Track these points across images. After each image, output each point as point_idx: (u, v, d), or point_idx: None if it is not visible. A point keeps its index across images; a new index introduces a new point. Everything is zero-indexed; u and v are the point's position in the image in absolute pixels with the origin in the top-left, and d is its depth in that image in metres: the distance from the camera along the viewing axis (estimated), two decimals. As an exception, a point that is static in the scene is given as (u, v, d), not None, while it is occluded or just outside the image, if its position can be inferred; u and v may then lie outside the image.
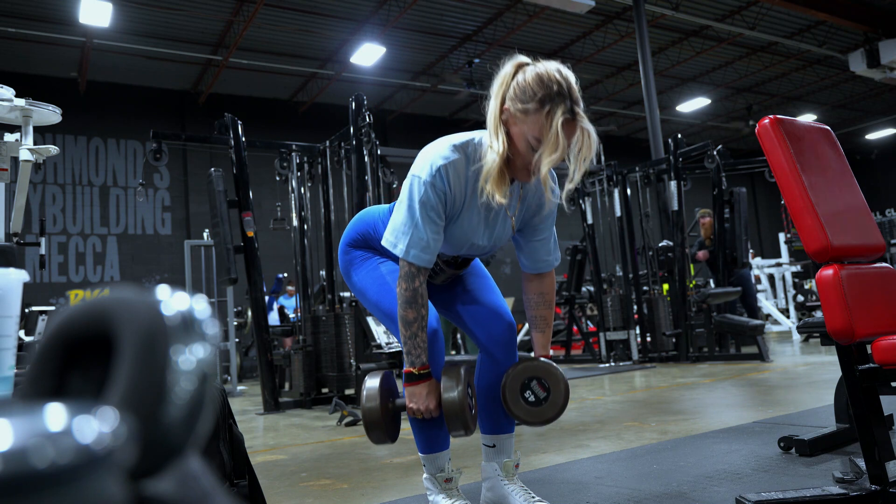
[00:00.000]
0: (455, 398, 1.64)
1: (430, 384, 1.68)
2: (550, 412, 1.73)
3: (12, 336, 1.01)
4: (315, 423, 4.30)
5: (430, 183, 1.62)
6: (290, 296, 9.99)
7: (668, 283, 7.61)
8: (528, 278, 1.90)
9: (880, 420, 1.63)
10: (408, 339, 1.67)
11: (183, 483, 0.34)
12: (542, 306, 1.89)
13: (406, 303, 1.66)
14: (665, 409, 3.79)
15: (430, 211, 1.64)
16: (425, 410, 1.68)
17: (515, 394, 1.75)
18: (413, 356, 1.67)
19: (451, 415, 1.65)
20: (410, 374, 1.68)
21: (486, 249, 1.83)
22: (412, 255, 1.64)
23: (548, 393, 1.73)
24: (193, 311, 0.34)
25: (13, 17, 10.32)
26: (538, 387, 1.74)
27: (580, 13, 10.73)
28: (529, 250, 1.86)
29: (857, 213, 1.75)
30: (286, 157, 6.07)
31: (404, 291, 1.66)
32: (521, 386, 1.75)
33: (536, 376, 1.74)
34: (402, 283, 1.67)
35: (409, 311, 1.66)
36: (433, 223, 1.64)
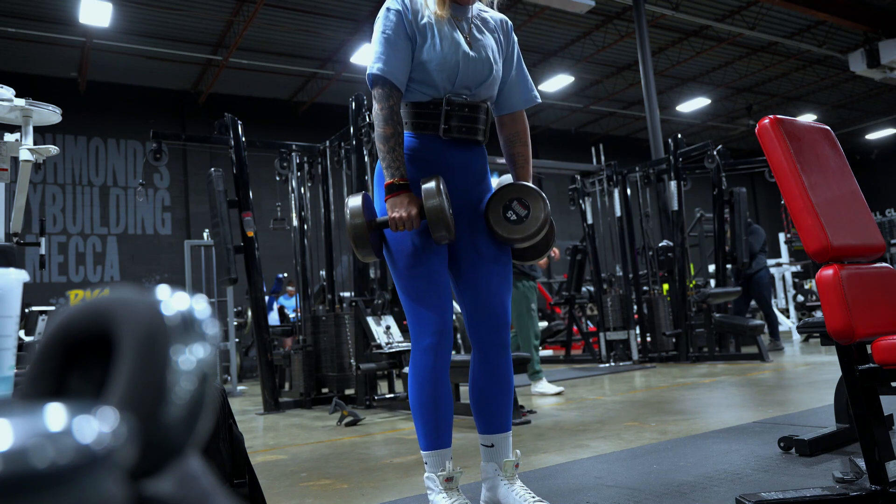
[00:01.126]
0: (437, 203, 1.70)
1: (409, 194, 1.76)
2: (532, 227, 1.79)
3: (12, 336, 1.01)
4: (315, 423, 4.30)
5: (387, 7, 1.84)
6: (290, 296, 9.99)
7: (668, 283, 7.61)
8: (502, 122, 2.02)
9: (880, 420, 1.63)
10: (386, 153, 1.78)
11: (183, 483, 0.34)
12: (519, 144, 2.01)
13: (383, 120, 1.78)
14: (665, 409, 3.79)
15: (390, 31, 1.81)
16: (407, 218, 1.73)
17: (497, 213, 1.82)
18: (392, 169, 1.77)
19: (435, 219, 1.70)
20: (391, 185, 1.76)
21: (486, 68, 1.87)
22: (377, 68, 1.79)
23: (528, 210, 1.80)
24: (193, 311, 0.34)
25: (13, 17, 10.32)
26: (519, 206, 1.81)
27: (580, 13, 10.73)
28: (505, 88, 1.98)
29: (857, 214, 1.75)
30: (286, 157, 6.07)
31: (381, 111, 1.79)
32: (503, 207, 1.82)
33: (517, 196, 1.82)
34: (378, 104, 1.79)
35: (387, 128, 1.78)
36: (393, 43, 1.80)
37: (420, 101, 1.86)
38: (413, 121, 1.87)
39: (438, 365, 1.80)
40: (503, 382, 1.90)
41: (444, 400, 1.82)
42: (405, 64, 1.81)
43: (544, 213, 1.80)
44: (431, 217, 1.71)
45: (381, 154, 1.79)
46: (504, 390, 1.90)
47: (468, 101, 1.87)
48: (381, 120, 1.78)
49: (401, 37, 1.81)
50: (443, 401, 1.82)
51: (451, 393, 1.87)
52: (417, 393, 1.82)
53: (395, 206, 1.74)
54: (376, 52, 1.81)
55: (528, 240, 1.81)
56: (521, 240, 1.81)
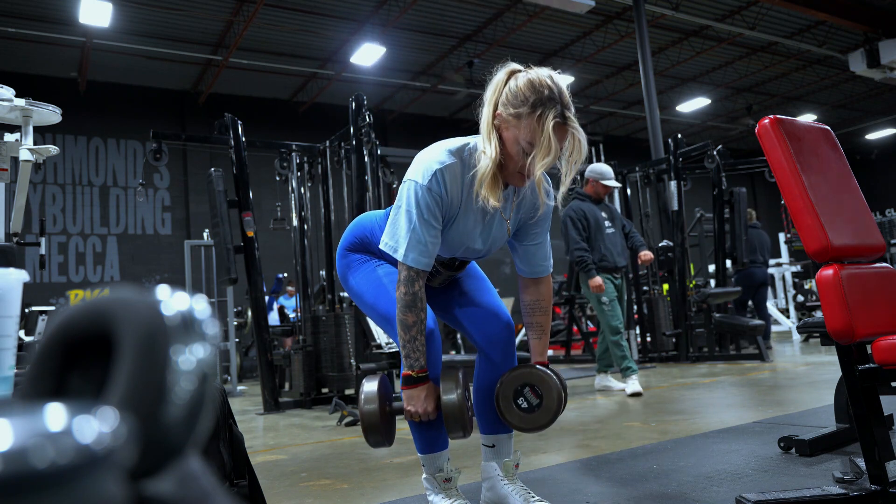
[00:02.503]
0: (454, 400, 1.65)
1: (428, 387, 1.69)
2: (543, 419, 1.74)
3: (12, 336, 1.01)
4: (315, 423, 4.30)
5: (427, 187, 1.64)
6: (290, 296, 9.99)
7: (668, 283, 7.61)
8: (525, 284, 1.91)
9: (880, 420, 1.63)
10: (406, 342, 1.67)
11: (183, 483, 0.34)
12: (539, 313, 1.90)
13: (405, 307, 1.67)
14: (665, 409, 3.79)
15: (428, 215, 1.65)
16: (423, 413, 1.68)
17: (509, 401, 1.76)
18: (412, 359, 1.68)
19: (451, 417, 1.66)
20: (409, 377, 1.68)
21: (482, 253, 1.84)
22: (411, 259, 1.66)
23: (541, 399, 1.74)
24: (193, 311, 0.34)
25: (13, 17, 10.32)
26: (531, 393, 1.75)
27: (580, 13, 10.73)
28: (525, 255, 1.88)
29: (857, 213, 1.75)
30: (286, 157, 6.07)
31: (403, 295, 1.67)
32: (515, 392, 1.76)
33: (530, 383, 1.75)
34: (402, 287, 1.68)
35: (409, 315, 1.67)
36: (431, 227, 1.66)
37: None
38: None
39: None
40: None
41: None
42: (438, 247, 1.71)
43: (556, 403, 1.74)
44: (449, 414, 1.67)
45: (401, 341, 1.68)
46: None
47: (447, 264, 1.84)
48: (404, 305, 1.67)
49: (437, 220, 1.67)
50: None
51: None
52: None
53: (412, 400, 1.69)
54: (413, 237, 1.66)
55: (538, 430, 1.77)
56: (530, 430, 1.77)
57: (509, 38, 12.53)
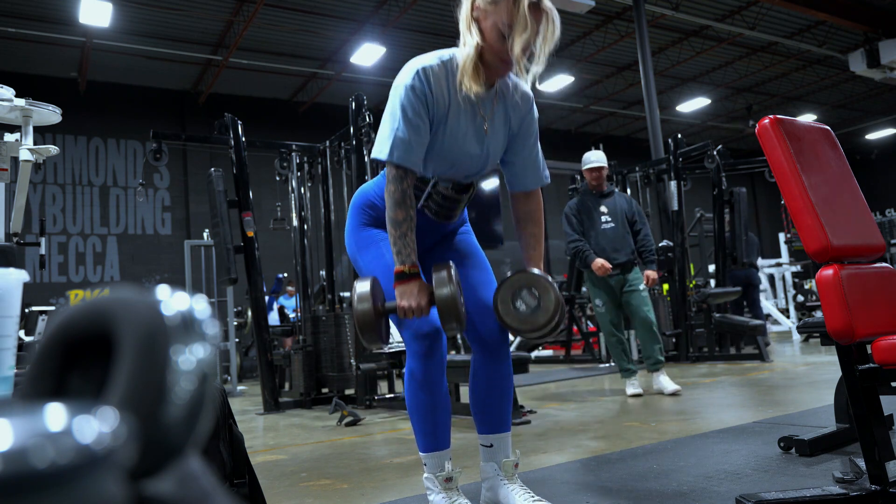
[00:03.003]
0: (447, 293, 1.66)
1: (420, 282, 1.71)
2: (542, 319, 1.75)
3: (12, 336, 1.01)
4: (315, 423, 4.30)
5: (410, 86, 1.70)
6: (290, 296, 9.99)
7: (668, 283, 7.61)
8: (517, 198, 1.96)
9: (880, 420, 1.63)
10: (398, 238, 1.71)
11: (183, 483, 0.34)
12: (532, 224, 1.95)
13: (395, 204, 1.71)
14: (665, 409, 3.79)
15: (412, 114, 1.70)
16: (416, 308, 1.68)
17: (507, 303, 1.78)
18: (403, 255, 1.71)
19: (445, 310, 1.67)
20: (401, 273, 1.71)
21: (481, 162, 1.84)
22: (395, 156, 1.70)
23: (538, 301, 1.76)
24: (193, 311, 0.34)
25: (13, 17, 10.33)
26: (528, 296, 1.76)
27: (580, 13, 10.73)
28: (517, 168, 1.92)
29: (857, 213, 1.75)
30: (286, 157, 6.07)
31: (393, 193, 1.71)
32: (512, 296, 1.77)
33: (527, 285, 1.77)
34: (391, 185, 1.72)
35: (399, 212, 1.71)
36: (414, 125, 1.70)
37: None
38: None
39: (432, 368, 1.78)
40: (503, 382, 1.89)
41: (440, 403, 1.81)
42: (423, 149, 1.74)
43: (554, 304, 1.75)
44: (443, 307, 1.67)
45: (392, 238, 1.72)
46: (504, 390, 1.89)
47: (453, 186, 1.85)
48: (394, 203, 1.71)
49: (423, 120, 1.71)
50: (439, 404, 1.81)
51: (448, 395, 1.86)
52: (413, 397, 1.81)
53: (405, 295, 1.69)
54: (397, 135, 1.70)
55: (538, 331, 1.77)
56: (530, 331, 1.77)
57: (509, 38, 12.51)
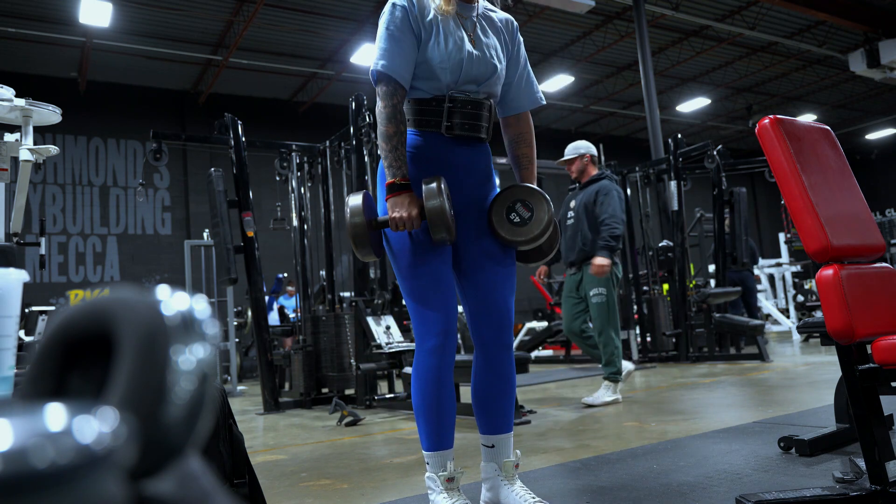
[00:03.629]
0: (437, 204, 1.69)
1: (411, 194, 1.74)
2: (535, 229, 1.79)
3: (12, 336, 1.01)
4: (315, 423, 4.30)
5: (392, 3, 1.82)
6: (290, 296, 9.99)
7: (668, 283, 7.61)
8: (507, 122, 2.02)
9: (880, 420, 1.63)
10: (388, 152, 1.76)
11: (183, 483, 0.34)
12: (524, 145, 2.00)
13: (386, 119, 1.76)
14: (665, 409, 3.79)
15: (393, 27, 1.79)
16: (407, 219, 1.72)
17: (501, 216, 1.81)
18: (394, 168, 1.75)
19: (435, 219, 1.70)
20: (392, 184, 1.75)
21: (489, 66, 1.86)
22: (381, 65, 1.77)
23: (531, 213, 1.79)
24: (193, 311, 0.34)
25: (13, 17, 10.32)
26: (522, 208, 1.81)
27: (580, 13, 10.73)
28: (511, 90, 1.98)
29: (857, 213, 1.75)
30: (286, 157, 6.07)
31: (384, 108, 1.76)
32: (507, 209, 1.81)
33: (520, 198, 1.81)
34: (381, 102, 1.77)
35: (389, 126, 1.76)
36: (397, 38, 1.78)
37: (423, 97, 1.84)
38: (416, 118, 1.85)
39: (442, 366, 1.79)
40: (505, 383, 1.90)
41: (447, 401, 1.82)
42: (410, 62, 1.79)
43: (547, 216, 1.78)
44: (432, 218, 1.70)
45: (383, 153, 1.77)
46: (506, 391, 1.90)
47: (471, 98, 1.85)
48: (385, 118, 1.76)
49: (406, 33, 1.79)
50: (446, 402, 1.82)
51: (455, 394, 1.88)
52: (420, 394, 1.82)
53: (396, 206, 1.73)
54: (381, 48, 1.78)
55: (532, 242, 1.80)
56: (524, 242, 1.80)
57: (509, 38, 12.51)
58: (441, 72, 1.80)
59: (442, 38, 1.81)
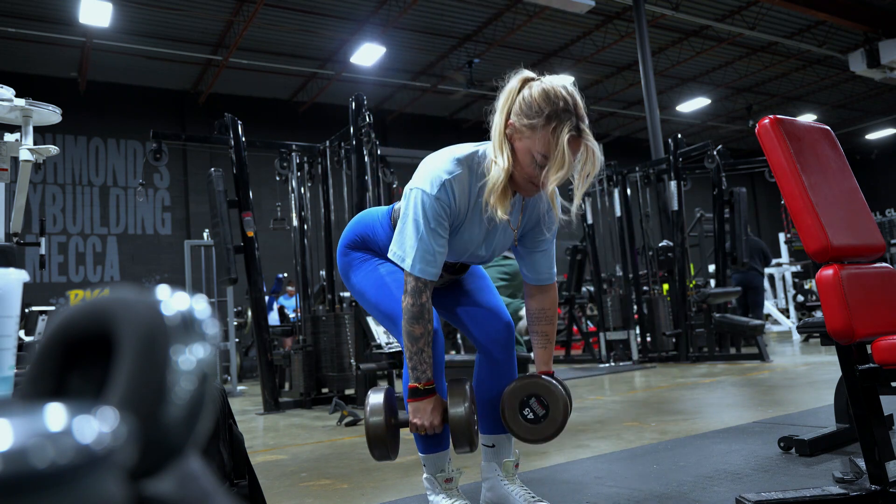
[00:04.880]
0: (462, 414, 1.64)
1: (434, 399, 1.68)
2: (549, 430, 1.73)
3: (12, 336, 1.01)
4: (315, 423, 4.30)
5: (436, 197, 1.61)
6: (290, 296, 9.99)
7: (668, 283, 7.61)
8: (531, 291, 1.89)
9: (880, 420, 1.63)
10: (413, 354, 1.66)
11: (183, 483, 0.34)
12: (544, 322, 1.88)
13: (413, 318, 1.64)
14: (665, 409, 3.79)
15: (436, 224, 1.63)
16: (429, 427, 1.67)
17: (514, 411, 1.75)
18: (418, 371, 1.66)
19: (458, 432, 1.65)
20: (415, 389, 1.67)
21: (486, 258, 1.84)
22: (419, 270, 1.63)
23: (546, 410, 1.73)
24: (193, 311, 0.34)
25: (13, 17, 10.33)
26: (537, 404, 1.73)
27: (580, 13, 10.74)
28: (531, 262, 1.85)
29: (857, 214, 1.75)
30: (286, 157, 6.07)
31: (411, 307, 1.64)
32: (520, 403, 1.74)
33: (536, 393, 1.74)
34: (409, 297, 1.65)
35: (416, 327, 1.64)
36: (439, 237, 1.64)
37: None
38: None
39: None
40: (507, 383, 1.88)
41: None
42: (444, 258, 1.68)
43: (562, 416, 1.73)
44: (456, 428, 1.66)
45: (408, 353, 1.66)
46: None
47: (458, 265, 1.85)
48: (411, 317, 1.64)
49: (444, 228, 1.65)
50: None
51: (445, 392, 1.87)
52: None
53: (418, 412, 1.67)
54: (420, 247, 1.62)
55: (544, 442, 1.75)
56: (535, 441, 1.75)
57: (509, 38, 12.53)
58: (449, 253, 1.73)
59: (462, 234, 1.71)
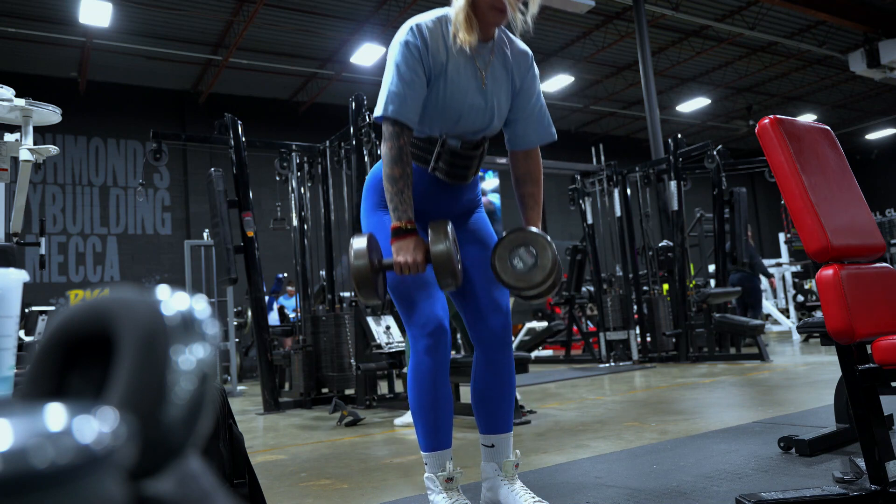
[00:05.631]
0: (443, 249, 1.66)
1: (416, 238, 1.71)
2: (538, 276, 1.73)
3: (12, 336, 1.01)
4: (315, 423, 4.30)
5: (405, 41, 1.74)
6: (290, 296, 9.99)
7: (668, 283, 7.61)
8: (516, 158, 1.94)
9: (880, 420, 1.63)
10: (394, 195, 1.71)
11: (183, 483, 0.34)
12: (530, 184, 1.93)
13: (392, 161, 1.71)
14: (665, 409, 3.79)
15: (404, 68, 1.72)
16: (412, 264, 1.68)
17: (504, 261, 1.76)
18: (400, 211, 1.71)
19: (440, 266, 1.66)
20: (398, 228, 1.71)
21: (488, 116, 1.83)
22: (390, 110, 1.70)
23: (535, 259, 1.74)
24: (193, 311, 0.34)
25: (13, 17, 10.33)
26: (526, 254, 1.75)
27: (580, 13, 10.73)
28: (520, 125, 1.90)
29: (857, 213, 1.75)
30: (286, 157, 6.08)
31: (389, 150, 1.71)
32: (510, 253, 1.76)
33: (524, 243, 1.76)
34: (387, 143, 1.72)
35: (395, 169, 1.71)
36: (408, 80, 1.71)
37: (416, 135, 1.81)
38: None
39: (437, 366, 1.77)
40: (505, 383, 1.89)
41: (443, 401, 1.80)
42: (419, 103, 1.74)
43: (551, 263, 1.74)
44: (438, 264, 1.67)
45: (389, 195, 1.73)
46: (506, 391, 1.89)
47: (463, 145, 1.83)
48: (390, 160, 1.71)
49: (418, 75, 1.72)
50: (442, 402, 1.80)
51: (451, 394, 1.86)
52: (416, 395, 1.80)
53: (401, 251, 1.69)
54: (391, 90, 1.71)
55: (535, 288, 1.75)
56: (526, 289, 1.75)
57: (509, 38, 12.51)
58: (437, 120, 1.78)
59: (446, 85, 1.76)
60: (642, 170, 8.16)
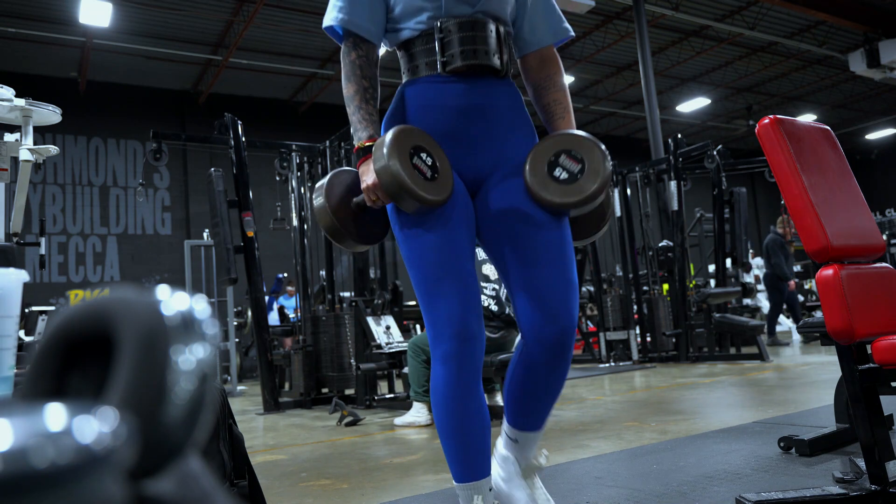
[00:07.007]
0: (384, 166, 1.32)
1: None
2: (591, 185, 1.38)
3: (12, 336, 1.01)
4: (315, 423, 4.30)
5: None
6: (290, 296, 9.99)
7: (668, 283, 7.61)
8: (527, 65, 1.62)
9: (880, 420, 1.63)
10: (351, 114, 1.49)
11: (183, 483, 0.34)
12: (553, 89, 1.58)
13: (345, 79, 1.50)
14: (665, 409, 3.79)
15: None
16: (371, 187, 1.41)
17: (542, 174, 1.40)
18: (360, 130, 1.47)
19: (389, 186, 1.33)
20: (359, 149, 1.46)
21: None
22: (337, 20, 1.49)
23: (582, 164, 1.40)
24: (193, 311, 0.34)
25: (13, 17, 10.32)
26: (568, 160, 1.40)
27: (580, 13, 10.73)
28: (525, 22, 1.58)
29: (856, 213, 1.75)
30: (286, 157, 6.08)
31: (343, 68, 1.52)
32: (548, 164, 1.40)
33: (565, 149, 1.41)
34: (342, 61, 1.52)
35: (349, 86, 1.50)
36: None
37: (410, 37, 1.50)
38: (409, 65, 1.53)
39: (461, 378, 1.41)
40: (558, 384, 1.51)
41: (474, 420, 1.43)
42: (371, 9, 1.48)
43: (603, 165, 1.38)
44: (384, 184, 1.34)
45: (350, 119, 1.50)
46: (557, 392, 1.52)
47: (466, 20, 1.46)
48: (344, 78, 1.50)
49: None
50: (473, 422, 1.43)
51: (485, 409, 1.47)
52: (439, 413, 1.44)
53: (365, 174, 1.42)
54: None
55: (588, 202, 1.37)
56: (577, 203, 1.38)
57: (509, 38, 12.52)
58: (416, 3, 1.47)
59: None
60: (642, 170, 8.16)
